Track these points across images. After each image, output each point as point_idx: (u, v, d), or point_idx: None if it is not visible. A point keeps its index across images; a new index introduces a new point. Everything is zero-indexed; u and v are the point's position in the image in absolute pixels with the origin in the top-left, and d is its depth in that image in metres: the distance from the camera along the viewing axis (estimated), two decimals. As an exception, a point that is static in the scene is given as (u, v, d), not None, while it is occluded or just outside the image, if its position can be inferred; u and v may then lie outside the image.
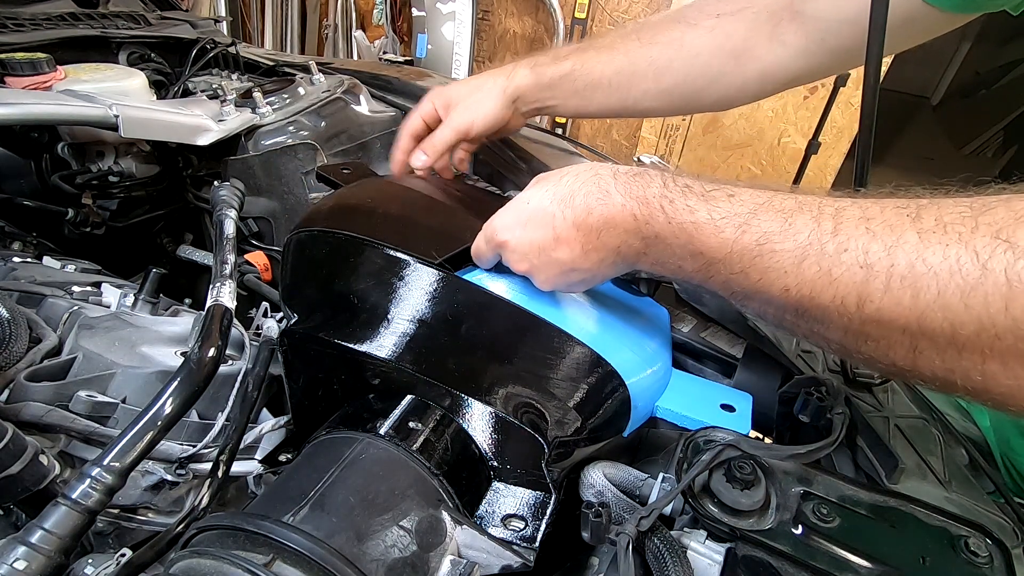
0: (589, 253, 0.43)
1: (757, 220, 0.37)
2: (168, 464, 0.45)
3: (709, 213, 0.38)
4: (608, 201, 0.42)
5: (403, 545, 0.35)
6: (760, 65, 0.62)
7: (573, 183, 0.44)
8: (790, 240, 0.35)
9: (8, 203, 0.74)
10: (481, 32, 2.96)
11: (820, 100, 2.22)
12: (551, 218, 0.43)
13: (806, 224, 0.35)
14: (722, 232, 0.38)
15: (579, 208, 0.42)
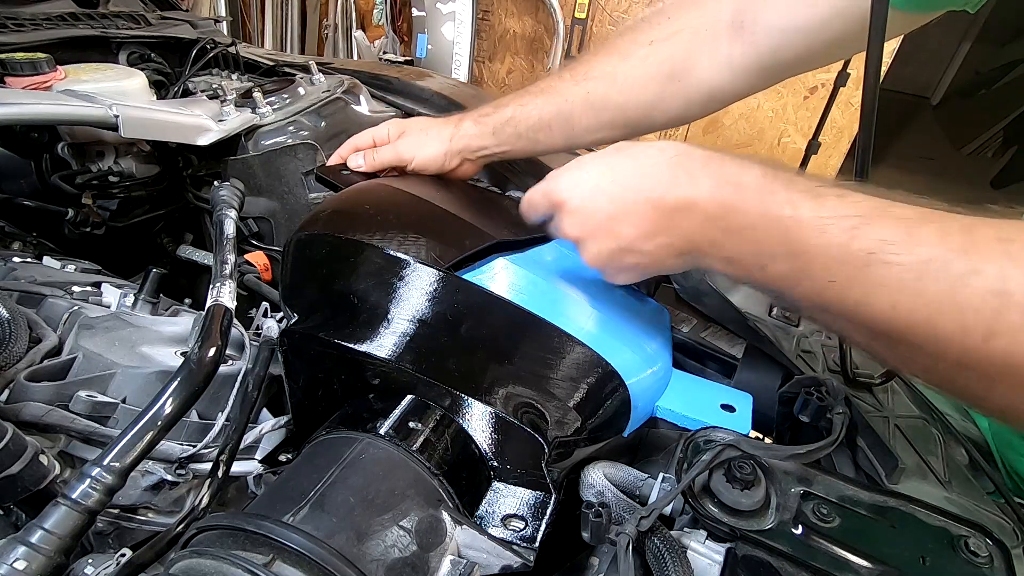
0: (656, 235, 0.40)
1: (871, 226, 0.33)
2: (168, 464, 0.45)
3: (815, 211, 0.35)
4: (694, 183, 0.39)
5: (403, 545, 0.35)
6: (702, 84, 0.61)
7: (658, 157, 0.41)
8: (909, 252, 0.31)
9: (8, 203, 0.74)
10: (481, 32, 2.96)
11: (820, 100, 2.22)
12: (624, 188, 0.41)
13: (930, 237, 0.31)
14: (827, 233, 0.34)
15: (659, 183, 0.40)
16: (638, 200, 0.40)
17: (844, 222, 0.33)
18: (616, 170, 0.42)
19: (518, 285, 0.50)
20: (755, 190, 0.37)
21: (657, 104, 0.63)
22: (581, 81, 0.64)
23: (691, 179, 0.39)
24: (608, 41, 0.67)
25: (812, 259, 0.34)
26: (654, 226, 0.40)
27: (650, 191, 0.40)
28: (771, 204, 0.36)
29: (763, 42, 0.57)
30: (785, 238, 0.35)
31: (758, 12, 0.56)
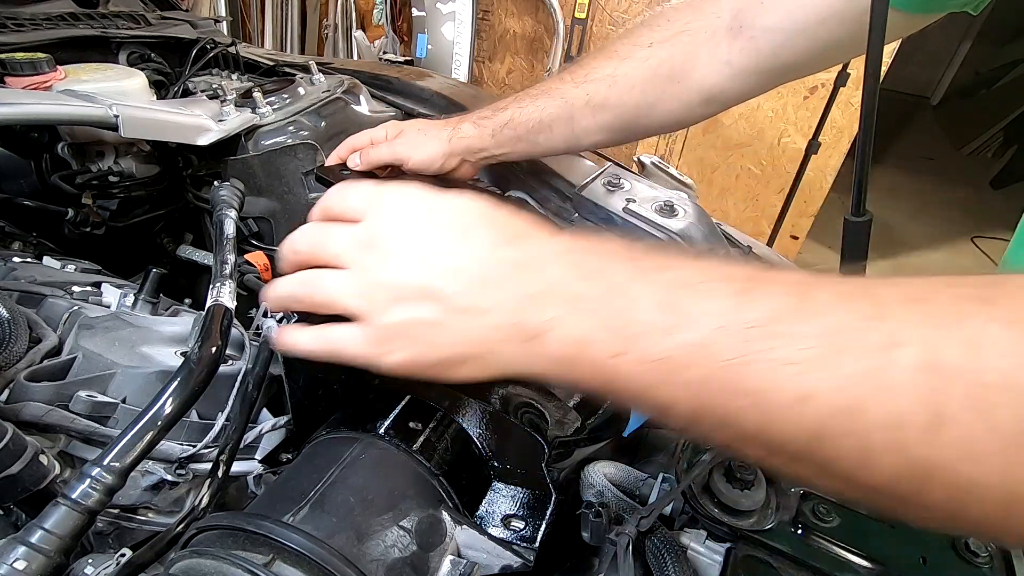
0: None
1: (758, 292, 0.27)
2: (168, 464, 0.45)
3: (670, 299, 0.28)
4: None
5: (403, 545, 0.35)
6: (702, 86, 0.61)
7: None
8: (811, 322, 0.25)
9: (8, 203, 0.74)
10: (481, 32, 2.96)
11: (820, 100, 2.22)
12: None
13: (830, 300, 0.25)
14: (704, 305, 0.27)
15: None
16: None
17: (722, 287, 0.27)
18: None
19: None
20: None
21: (657, 106, 0.63)
22: (581, 83, 0.64)
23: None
24: (608, 43, 0.67)
25: (675, 360, 0.27)
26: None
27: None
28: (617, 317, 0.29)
29: (762, 44, 0.57)
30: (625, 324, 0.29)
31: (757, 14, 0.56)
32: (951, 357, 0.22)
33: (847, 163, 2.31)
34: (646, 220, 0.62)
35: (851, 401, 0.23)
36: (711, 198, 2.53)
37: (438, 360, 0.33)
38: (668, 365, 0.27)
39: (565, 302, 0.30)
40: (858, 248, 0.46)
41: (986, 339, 0.22)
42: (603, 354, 0.29)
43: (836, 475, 0.25)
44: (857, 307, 0.25)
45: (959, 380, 0.22)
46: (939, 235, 3.40)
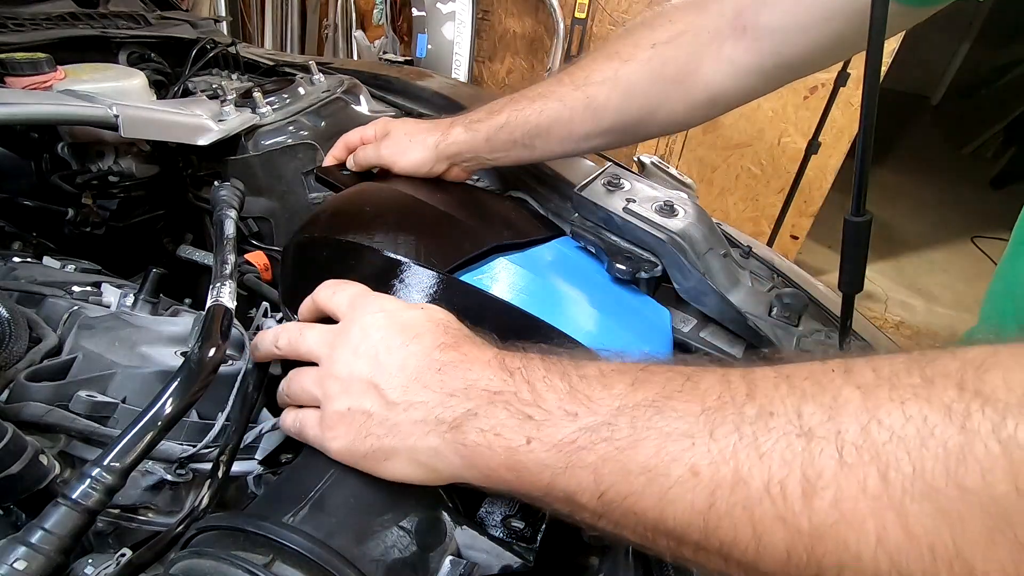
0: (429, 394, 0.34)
1: (651, 378, 0.30)
2: (168, 464, 0.45)
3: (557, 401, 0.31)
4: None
5: (403, 545, 0.35)
6: (707, 87, 0.60)
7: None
8: (695, 401, 0.27)
9: (8, 203, 0.74)
10: (481, 32, 2.96)
11: (820, 100, 2.22)
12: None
13: (713, 382, 0.28)
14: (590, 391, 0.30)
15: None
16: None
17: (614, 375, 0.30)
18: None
19: (519, 285, 0.50)
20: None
21: (659, 108, 0.62)
22: (581, 86, 0.62)
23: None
24: (607, 43, 0.65)
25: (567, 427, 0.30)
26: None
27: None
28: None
29: (765, 44, 0.57)
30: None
31: (759, 13, 0.56)
32: (816, 422, 0.24)
33: (847, 163, 2.31)
34: (646, 220, 0.62)
35: (734, 472, 0.25)
36: (711, 198, 2.53)
37: (370, 450, 0.36)
38: (571, 449, 0.29)
39: (482, 397, 0.33)
40: (858, 248, 0.46)
41: (844, 402, 0.23)
42: (514, 442, 0.31)
43: (738, 562, 0.25)
44: (736, 387, 0.27)
45: (824, 442, 0.23)
46: (939, 235, 3.40)
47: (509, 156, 0.67)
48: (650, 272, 0.60)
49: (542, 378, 0.32)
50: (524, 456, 0.31)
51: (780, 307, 0.60)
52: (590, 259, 0.63)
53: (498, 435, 0.31)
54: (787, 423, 0.24)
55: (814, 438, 0.23)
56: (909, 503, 0.21)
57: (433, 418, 0.34)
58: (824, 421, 0.23)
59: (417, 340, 0.37)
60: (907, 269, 3.09)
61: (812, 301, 0.64)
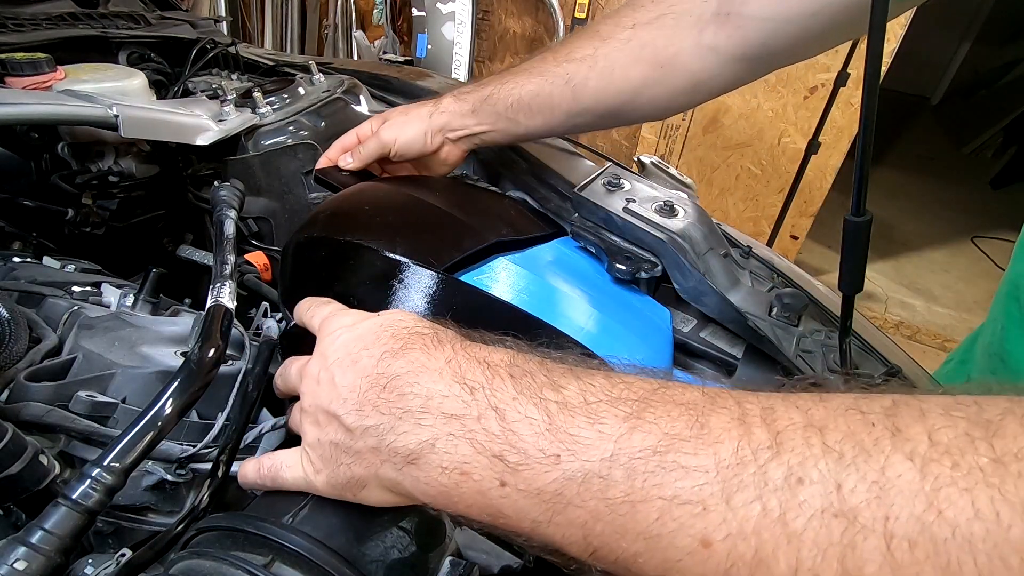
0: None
1: (650, 414, 0.25)
2: (168, 464, 0.45)
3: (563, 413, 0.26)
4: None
5: (403, 546, 0.35)
6: (688, 73, 0.59)
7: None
8: (706, 453, 0.23)
9: (8, 203, 0.74)
10: (481, 32, 2.96)
11: (820, 100, 2.22)
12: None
13: (727, 426, 0.23)
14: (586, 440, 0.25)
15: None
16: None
17: (612, 417, 0.25)
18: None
19: (519, 285, 0.50)
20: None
21: (641, 91, 0.61)
22: (563, 62, 0.62)
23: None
24: (592, 23, 0.65)
25: (555, 489, 0.25)
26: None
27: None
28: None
29: (750, 33, 0.56)
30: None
31: (745, 2, 0.55)
32: (859, 501, 0.20)
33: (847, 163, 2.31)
34: (646, 220, 0.62)
35: (755, 552, 0.21)
36: (711, 198, 2.53)
37: (347, 480, 0.33)
38: (555, 500, 0.25)
39: (440, 424, 0.28)
40: (858, 248, 0.46)
41: (895, 478, 0.19)
42: (484, 485, 0.27)
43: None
44: (757, 437, 0.22)
45: (869, 531, 0.19)
46: (939, 235, 3.40)
47: (496, 130, 0.67)
48: (650, 272, 0.60)
49: (511, 402, 0.27)
50: (498, 501, 0.27)
51: (780, 307, 0.60)
52: (590, 259, 0.63)
53: (464, 475, 0.27)
54: (823, 497, 0.20)
55: (856, 522, 0.19)
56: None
57: (387, 447, 0.30)
58: (870, 501, 0.19)
59: (365, 352, 0.33)
60: (907, 269, 3.09)
61: (812, 301, 0.63)
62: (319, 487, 0.35)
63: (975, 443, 0.19)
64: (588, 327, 0.50)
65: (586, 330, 0.49)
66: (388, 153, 0.69)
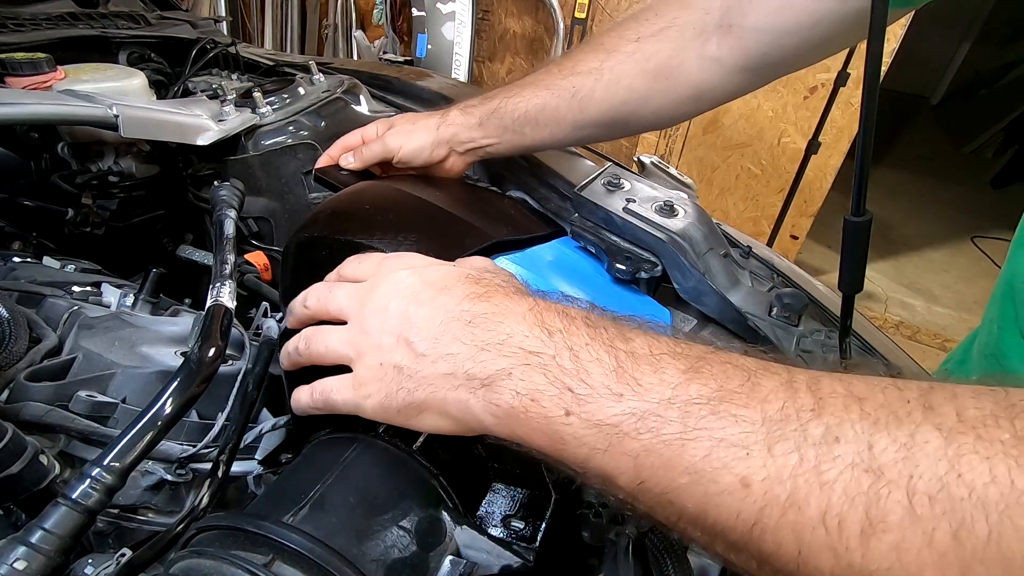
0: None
1: (707, 371, 0.28)
2: (168, 464, 0.45)
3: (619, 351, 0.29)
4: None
5: (403, 545, 0.35)
6: (692, 83, 0.60)
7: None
8: (755, 407, 0.25)
9: (8, 203, 0.74)
10: (481, 32, 2.96)
11: (820, 100, 2.22)
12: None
13: (776, 388, 0.26)
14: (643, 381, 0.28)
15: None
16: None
17: (669, 363, 0.28)
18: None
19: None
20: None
21: (645, 102, 0.62)
22: (568, 76, 0.63)
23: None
24: (596, 36, 0.66)
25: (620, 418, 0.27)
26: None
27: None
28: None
29: (751, 44, 0.57)
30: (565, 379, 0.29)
31: (745, 14, 0.56)
32: (887, 460, 0.22)
33: (847, 163, 2.31)
34: (646, 220, 0.62)
35: (790, 494, 0.23)
36: (711, 198, 2.53)
37: (403, 404, 0.35)
38: (613, 432, 0.28)
39: (519, 356, 0.31)
40: (858, 248, 0.46)
41: (922, 443, 0.22)
42: (551, 412, 0.29)
43: (775, 568, 0.24)
44: (802, 399, 0.25)
45: (894, 485, 0.21)
46: (939, 235, 3.40)
47: (502, 142, 0.68)
48: (650, 272, 0.60)
49: (585, 346, 0.30)
50: (561, 428, 0.29)
51: (780, 307, 0.60)
52: (590, 259, 0.63)
53: (534, 401, 0.30)
54: (855, 454, 0.22)
55: (883, 477, 0.22)
56: (977, 566, 0.20)
57: (463, 372, 0.32)
58: (897, 460, 0.22)
59: (446, 292, 0.36)
60: (907, 269, 3.09)
61: (812, 301, 0.63)
62: (368, 410, 0.36)
63: (999, 421, 0.21)
64: (588, 327, 0.50)
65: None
66: (391, 158, 0.70)
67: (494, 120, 0.66)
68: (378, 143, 0.70)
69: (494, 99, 0.66)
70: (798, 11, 0.54)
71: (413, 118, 0.71)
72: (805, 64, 0.60)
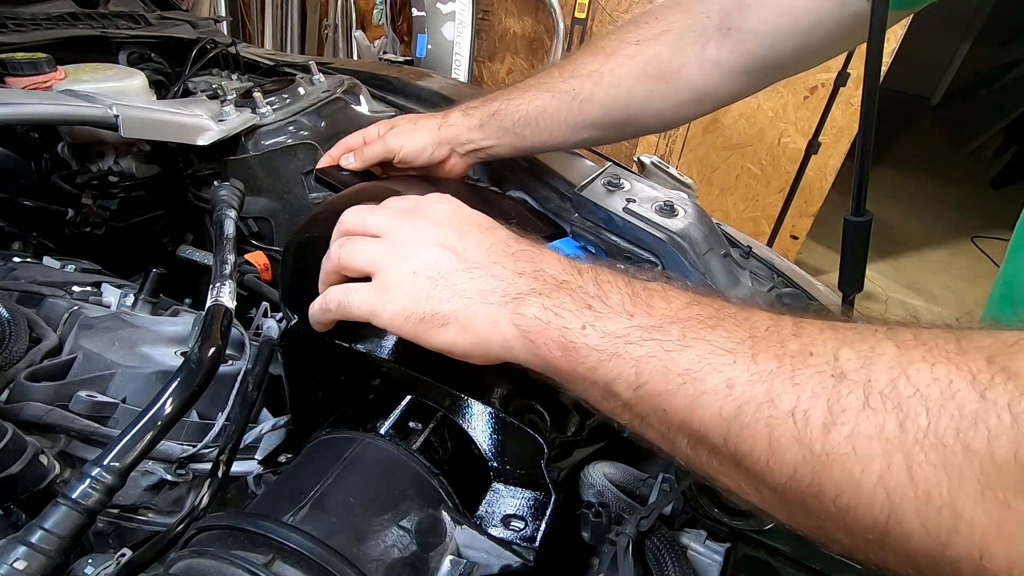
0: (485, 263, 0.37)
1: (706, 300, 0.32)
2: (168, 464, 0.45)
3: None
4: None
5: (403, 545, 0.35)
6: (692, 86, 0.61)
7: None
8: (745, 326, 0.29)
9: (8, 203, 0.74)
10: (481, 32, 2.96)
11: (820, 100, 2.21)
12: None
13: (764, 317, 0.30)
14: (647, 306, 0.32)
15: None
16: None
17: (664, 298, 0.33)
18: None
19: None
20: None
21: (646, 105, 0.63)
22: (568, 78, 0.63)
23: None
24: (597, 39, 0.66)
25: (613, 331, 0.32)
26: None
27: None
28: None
29: (752, 47, 0.57)
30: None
31: (745, 17, 0.56)
32: (850, 367, 0.25)
33: (847, 163, 2.31)
34: (646, 220, 0.62)
35: (766, 392, 0.26)
36: (711, 198, 2.53)
37: (427, 313, 0.37)
38: (621, 341, 0.31)
39: (551, 282, 0.36)
40: (858, 248, 0.46)
41: (879, 354, 0.25)
42: (570, 323, 0.33)
43: (748, 472, 0.28)
44: (784, 325, 0.29)
45: (853, 385, 0.25)
46: (939, 235, 3.40)
47: (502, 144, 0.68)
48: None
49: (608, 280, 0.35)
50: (576, 338, 0.33)
51: (780, 307, 0.60)
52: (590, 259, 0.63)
53: (558, 315, 0.33)
54: (824, 363, 0.26)
55: (845, 380, 0.25)
56: (917, 451, 0.23)
57: (499, 289, 0.36)
58: (858, 367, 0.25)
59: (493, 229, 0.40)
60: (907, 269, 3.09)
61: (812, 301, 0.64)
62: (385, 314, 0.38)
63: (947, 339, 0.24)
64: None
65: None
66: (392, 158, 0.70)
67: (494, 122, 0.66)
68: (379, 143, 0.70)
69: (495, 101, 0.66)
70: (798, 14, 0.54)
71: (415, 119, 0.71)
72: (806, 67, 0.60)
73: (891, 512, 0.23)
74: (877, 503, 0.24)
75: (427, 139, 0.68)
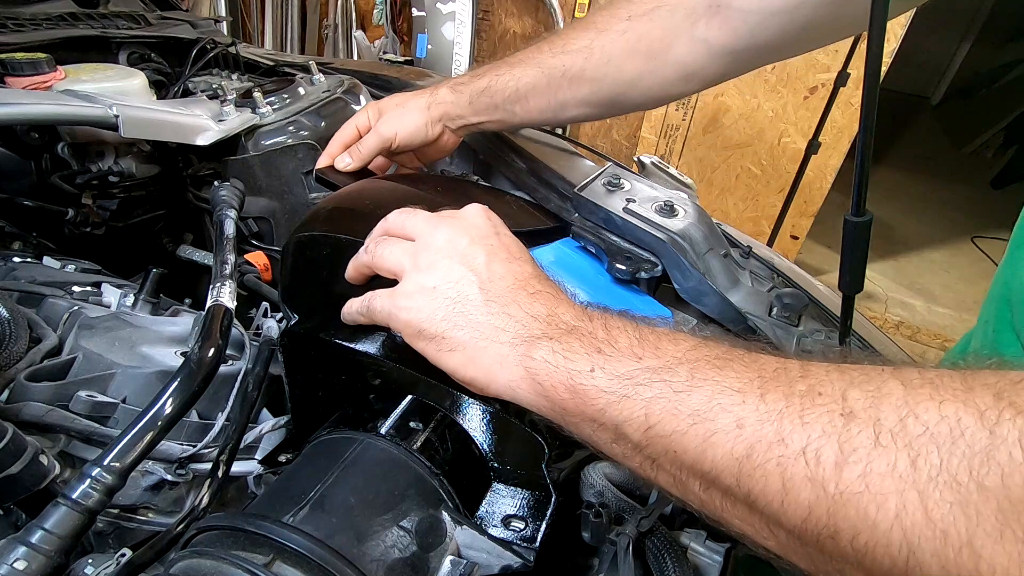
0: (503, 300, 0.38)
1: (713, 341, 0.33)
2: (168, 464, 0.45)
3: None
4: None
5: (403, 545, 0.35)
6: (681, 64, 0.61)
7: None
8: (753, 367, 0.30)
9: (8, 203, 0.74)
10: (481, 32, 2.96)
11: (820, 100, 2.21)
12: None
13: (772, 359, 0.30)
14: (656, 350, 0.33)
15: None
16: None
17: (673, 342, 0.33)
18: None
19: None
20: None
21: (635, 82, 0.63)
22: (559, 54, 0.63)
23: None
24: (588, 15, 0.66)
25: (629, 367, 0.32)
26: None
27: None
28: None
29: (739, 25, 0.57)
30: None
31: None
32: (858, 406, 0.25)
33: (847, 163, 2.31)
34: (646, 220, 0.62)
35: (776, 432, 0.27)
36: (711, 198, 2.53)
37: (439, 333, 0.38)
38: (630, 382, 0.32)
39: (561, 329, 0.36)
40: (858, 248, 0.46)
41: (887, 394, 0.25)
42: (579, 367, 0.33)
43: (762, 513, 0.27)
44: (791, 367, 0.29)
45: (863, 424, 0.25)
46: (939, 235, 3.40)
47: (491, 120, 0.68)
48: (650, 272, 0.60)
49: (617, 325, 0.35)
50: (585, 380, 0.33)
51: (780, 307, 0.60)
52: (590, 259, 0.63)
53: (567, 358, 0.34)
54: (832, 402, 0.26)
55: (855, 419, 0.25)
56: (932, 490, 0.22)
57: (512, 329, 0.37)
58: (867, 407, 0.25)
59: (522, 262, 0.40)
60: (907, 269, 3.09)
61: (812, 301, 0.63)
62: (399, 320, 0.39)
63: (952, 377, 0.25)
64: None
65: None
66: (389, 148, 0.70)
67: (484, 99, 0.66)
68: (373, 136, 0.70)
69: (483, 77, 0.66)
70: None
71: (402, 100, 0.71)
72: (792, 52, 0.60)
73: (910, 553, 0.23)
74: (895, 543, 0.23)
75: (419, 120, 0.68)
